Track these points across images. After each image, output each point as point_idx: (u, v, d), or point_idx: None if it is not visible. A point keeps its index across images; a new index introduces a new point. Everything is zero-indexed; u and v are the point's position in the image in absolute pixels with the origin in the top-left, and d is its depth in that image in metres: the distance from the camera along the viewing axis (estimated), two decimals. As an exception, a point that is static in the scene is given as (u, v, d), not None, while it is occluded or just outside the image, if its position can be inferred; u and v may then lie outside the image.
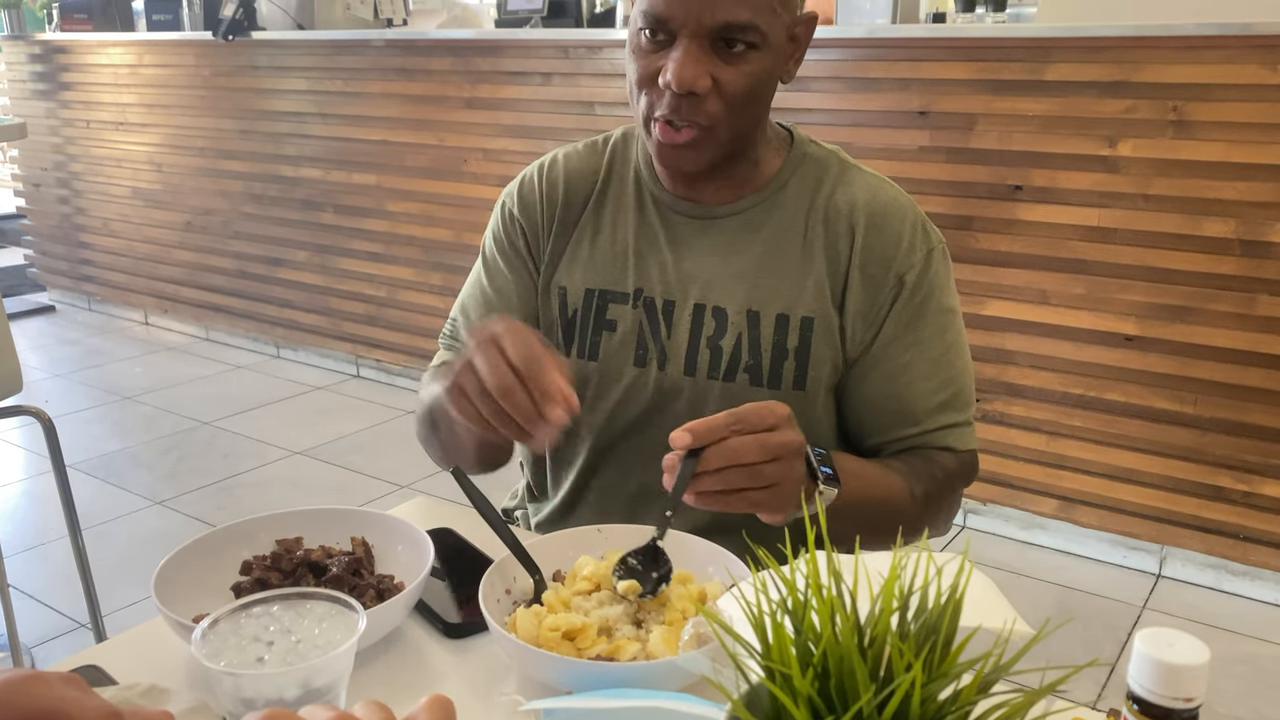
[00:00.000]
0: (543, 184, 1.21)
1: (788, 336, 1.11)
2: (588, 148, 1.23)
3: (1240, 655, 2.26)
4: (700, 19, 0.99)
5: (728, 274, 1.12)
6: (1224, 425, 2.41)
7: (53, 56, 4.78)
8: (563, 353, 1.19)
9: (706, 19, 0.99)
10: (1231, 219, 2.31)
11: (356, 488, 3.03)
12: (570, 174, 1.20)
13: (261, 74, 4.03)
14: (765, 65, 1.04)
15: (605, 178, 1.20)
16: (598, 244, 1.18)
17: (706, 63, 1.01)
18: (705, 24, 0.99)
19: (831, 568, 0.53)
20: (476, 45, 3.47)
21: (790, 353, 1.11)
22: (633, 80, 1.07)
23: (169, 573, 0.89)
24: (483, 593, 0.86)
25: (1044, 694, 0.49)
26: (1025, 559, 2.69)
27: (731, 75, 1.02)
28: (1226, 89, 2.26)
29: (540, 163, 1.23)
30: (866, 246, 1.10)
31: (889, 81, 2.64)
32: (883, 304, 1.11)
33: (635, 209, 1.17)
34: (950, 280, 1.14)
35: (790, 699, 0.49)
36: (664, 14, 1.00)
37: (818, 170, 1.15)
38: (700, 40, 1.00)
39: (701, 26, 1.00)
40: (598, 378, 1.17)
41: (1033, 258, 2.56)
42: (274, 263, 4.23)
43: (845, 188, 1.13)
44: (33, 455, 3.35)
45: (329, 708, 0.51)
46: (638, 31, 1.04)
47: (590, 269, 1.17)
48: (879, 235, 1.10)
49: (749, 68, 1.03)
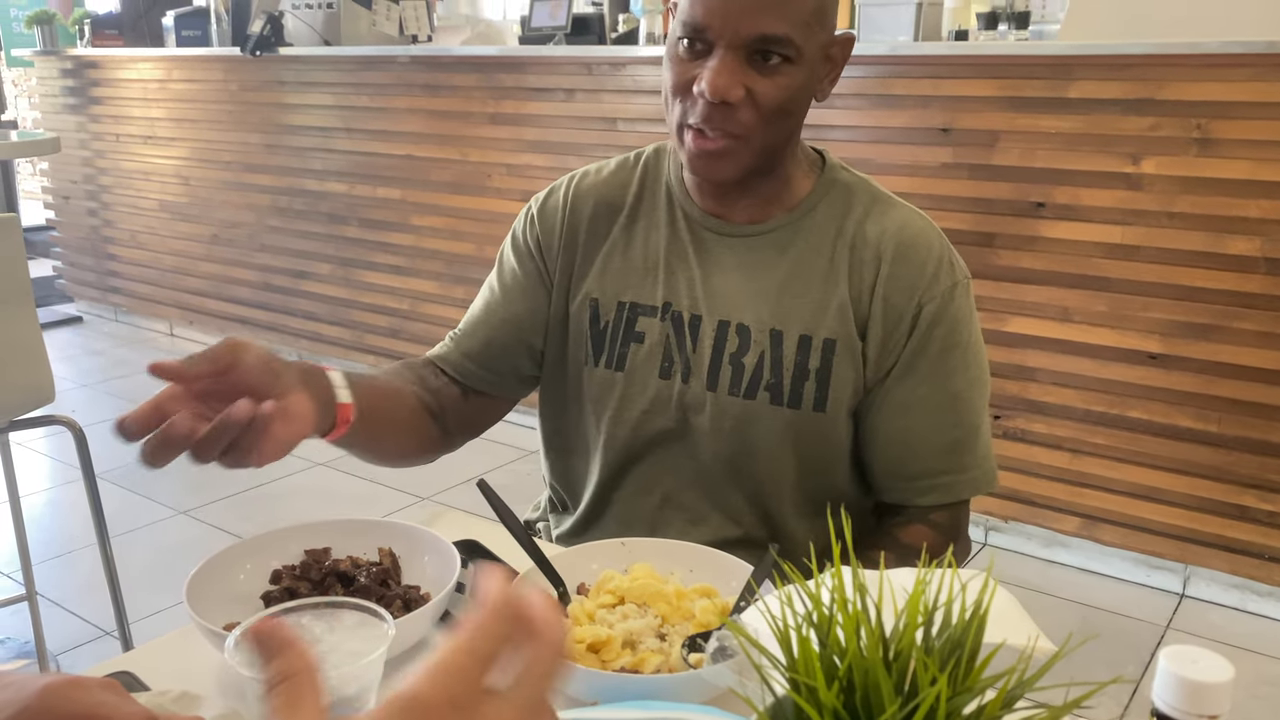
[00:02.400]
0: (569, 195, 1.22)
1: (810, 357, 1.11)
2: (619, 164, 1.24)
3: (1266, 676, 2.24)
4: (737, 29, 1.01)
5: (752, 291, 1.13)
6: (1249, 444, 2.39)
7: (84, 71, 4.86)
8: (591, 363, 1.20)
9: (743, 29, 1.01)
10: (1256, 237, 2.30)
11: (379, 499, 3.05)
12: (600, 187, 1.22)
13: (288, 89, 4.08)
14: (799, 79, 1.05)
15: (638, 193, 1.21)
16: (629, 256, 1.19)
17: (741, 73, 1.02)
18: (741, 34, 1.01)
19: (857, 582, 0.54)
20: (500, 62, 3.50)
21: (812, 373, 1.11)
22: (668, 88, 1.08)
23: (200, 581, 0.91)
24: None
25: (1067, 710, 0.49)
26: (1047, 577, 2.67)
27: (766, 87, 1.03)
28: (1251, 107, 2.25)
29: (571, 175, 1.25)
30: (892, 275, 1.10)
31: (911, 98, 2.65)
32: (902, 334, 1.10)
33: (667, 222, 1.18)
34: (973, 317, 1.14)
35: (815, 712, 0.50)
36: (702, 23, 1.02)
37: (847, 197, 1.15)
38: (736, 51, 1.02)
39: (738, 37, 1.01)
40: (623, 388, 1.18)
41: (1055, 275, 2.55)
42: (299, 275, 4.27)
43: (875, 217, 1.13)
44: (58, 464, 3.39)
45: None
46: (676, 40, 1.06)
47: (622, 281, 1.18)
48: (905, 265, 1.10)
49: (783, 80, 1.04)
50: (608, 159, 1.26)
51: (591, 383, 1.20)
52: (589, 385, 1.20)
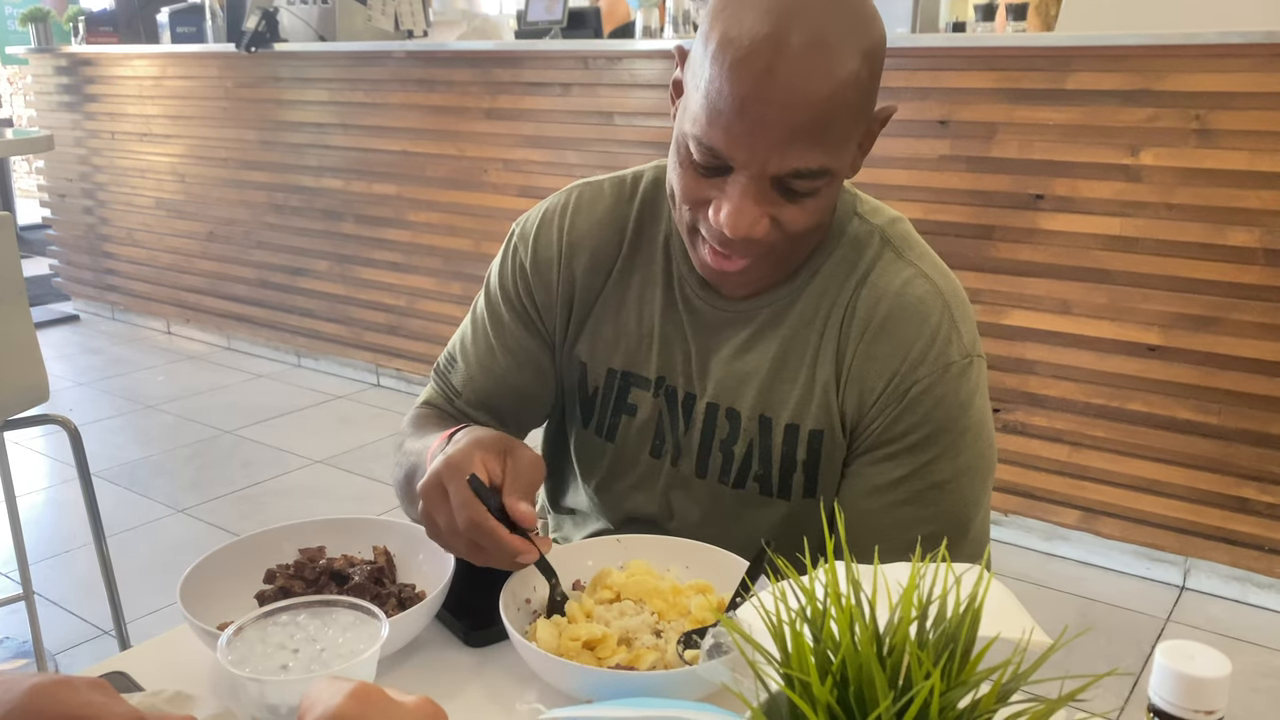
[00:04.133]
0: (563, 246, 1.08)
1: (797, 448, 1.01)
2: (614, 190, 1.10)
3: (1266, 669, 2.23)
4: (765, 165, 0.86)
5: (744, 373, 1.03)
6: (1249, 436, 2.39)
7: (78, 69, 4.85)
8: (579, 425, 1.13)
9: (773, 166, 0.86)
10: (1256, 228, 2.29)
11: (377, 496, 3.05)
12: (596, 232, 1.08)
13: (283, 85, 4.07)
14: (833, 194, 0.93)
15: (634, 241, 1.08)
16: (622, 319, 1.08)
17: (767, 203, 0.89)
18: (770, 170, 0.86)
19: (850, 577, 0.53)
20: (496, 56, 3.49)
21: (799, 465, 1.02)
22: (676, 192, 0.94)
23: (194, 581, 0.90)
24: (503, 602, 0.87)
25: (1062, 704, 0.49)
26: (1047, 570, 2.67)
27: (795, 214, 0.90)
28: (1250, 97, 2.25)
29: (563, 207, 1.10)
30: (869, 355, 0.97)
31: (909, 91, 2.64)
32: (876, 415, 0.97)
33: (662, 284, 1.06)
34: (974, 400, 0.97)
35: (809, 707, 0.49)
36: (724, 152, 0.87)
37: (854, 254, 1.00)
38: (761, 181, 0.87)
39: (765, 170, 0.86)
40: (612, 460, 1.11)
41: (1054, 267, 2.54)
42: (295, 272, 4.27)
43: (876, 279, 0.98)
44: (55, 463, 3.38)
45: None
46: (686, 144, 0.90)
47: (614, 347, 1.08)
48: (886, 342, 0.96)
49: (815, 204, 0.90)
50: (601, 179, 1.12)
51: (580, 444, 1.14)
52: (578, 445, 1.15)
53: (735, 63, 0.84)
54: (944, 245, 2.03)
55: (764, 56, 0.83)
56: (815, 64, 0.84)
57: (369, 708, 0.50)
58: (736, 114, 0.85)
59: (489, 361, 1.13)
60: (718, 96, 0.85)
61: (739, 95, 0.84)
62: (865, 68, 0.87)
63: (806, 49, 0.83)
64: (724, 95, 0.85)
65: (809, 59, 0.83)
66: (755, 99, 0.84)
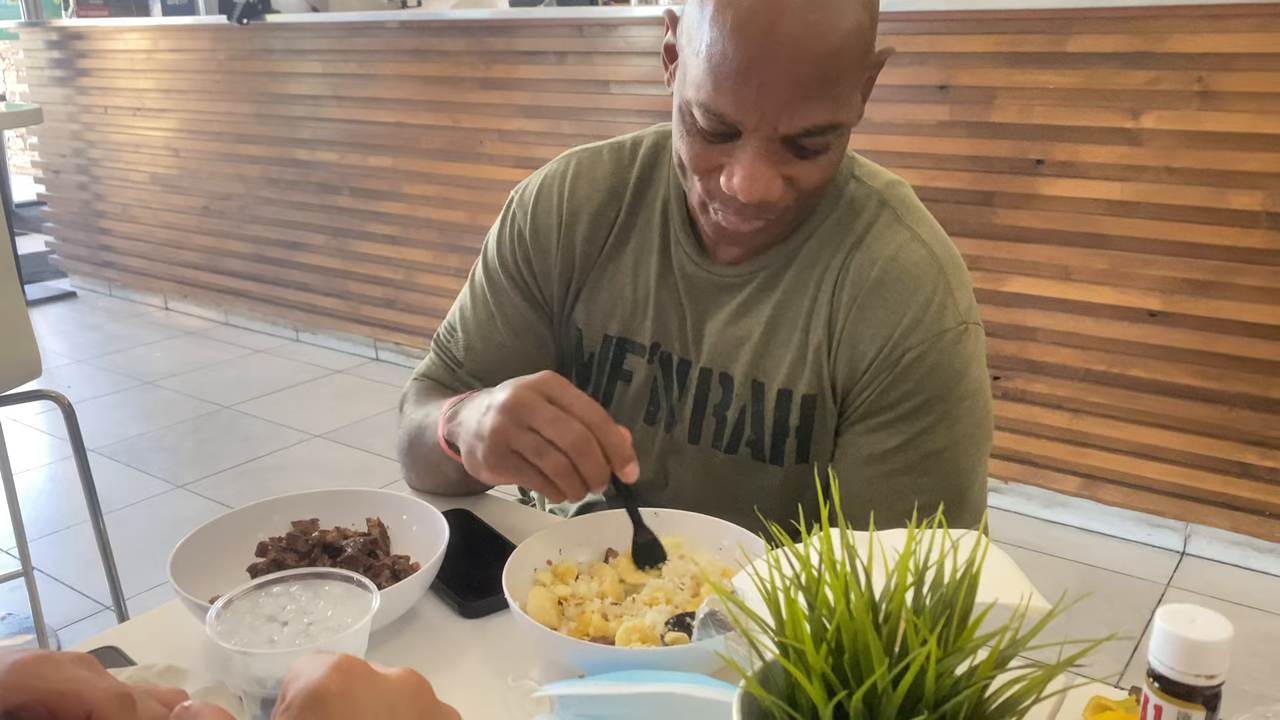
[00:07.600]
0: (563, 214, 1.08)
1: (789, 414, 1.00)
2: (613, 155, 1.09)
3: (1267, 633, 2.24)
4: (776, 125, 0.84)
5: (737, 338, 1.02)
6: (1250, 401, 2.38)
7: (69, 43, 4.80)
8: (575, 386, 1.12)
9: (784, 126, 0.84)
10: (1258, 191, 2.27)
11: (377, 470, 3.05)
12: (595, 198, 1.08)
13: (276, 57, 4.03)
14: (843, 145, 0.92)
15: (631, 205, 1.07)
16: (618, 285, 1.08)
17: (780, 164, 0.88)
18: (781, 130, 0.85)
19: (845, 543, 0.52)
20: (491, 25, 3.45)
21: (792, 430, 1.01)
22: (684, 160, 0.93)
23: (186, 555, 0.90)
24: (507, 569, 0.86)
25: (1061, 669, 0.48)
26: (1048, 537, 2.67)
27: (808, 171, 0.89)
28: (1253, 58, 2.22)
29: (561, 174, 1.10)
30: (862, 320, 0.96)
31: (908, 55, 2.61)
32: (869, 383, 0.96)
33: (659, 250, 1.05)
34: (970, 367, 0.96)
35: (804, 675, 0.48)
36: (733, 116, 0.85)
37: (850, 217, 0.99)
38: (773, 143, 0.86)
39: (776, 132, 0.85)
40: None
41: (1054, 233, 2.52)
42: (291, 246, 4.25)
43: (871, 243, 0.98)
44: (56, 440, 3.38)
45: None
46: (691, 112, 0.88)
47: (610, 313, 1.08)
48: (878, 307, 0.95)
49: (828, 159, 0.89)
50: (600, 144, 1.11)
51: None
52: None
53: (737, 24, 0.82)
54: (944, 211, 2.01)
55: (766, 15, 0.81)
56: (818, 18, 0.82)
57: (352, 680, 0.49)
58: (742, 77, 0.83)
59: (489, 330, 1.13)
60: (721, 60, 0.83)
61: (744, 57, 0.82)
62: (866, 14, 0.86)
63: (808, 4, 0.81)
64: (728, 58, 0.82)
65: (812, 13, 0.81)
66: (761, 60, 0.82)
